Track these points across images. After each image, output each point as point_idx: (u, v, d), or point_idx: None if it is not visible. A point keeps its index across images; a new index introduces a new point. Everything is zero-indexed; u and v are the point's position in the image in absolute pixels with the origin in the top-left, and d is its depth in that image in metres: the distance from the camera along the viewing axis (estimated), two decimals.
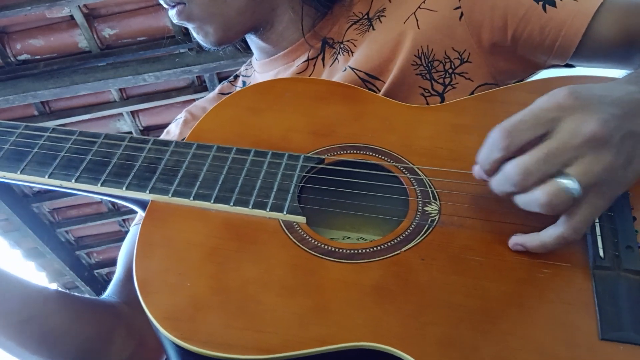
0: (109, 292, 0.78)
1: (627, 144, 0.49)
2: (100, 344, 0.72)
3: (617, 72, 0.69)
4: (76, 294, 0.75)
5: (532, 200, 0.49)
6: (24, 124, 0.67)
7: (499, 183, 0.51)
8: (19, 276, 0.67)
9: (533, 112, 0.50)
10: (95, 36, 2.21)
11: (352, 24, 0.80)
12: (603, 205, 0.50)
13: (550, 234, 0.52)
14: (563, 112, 0.49)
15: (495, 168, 0.51)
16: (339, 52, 0.80)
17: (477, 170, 0.54)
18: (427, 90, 0.73)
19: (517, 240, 0.54)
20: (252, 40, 0.86)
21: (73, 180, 0.62)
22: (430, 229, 0.57)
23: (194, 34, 0.82)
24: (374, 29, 0.78)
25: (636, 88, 0.53)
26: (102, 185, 0.62)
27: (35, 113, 2.45)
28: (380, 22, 0.78)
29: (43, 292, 0.69)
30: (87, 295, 0.77)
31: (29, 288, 0.68)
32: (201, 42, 0.81)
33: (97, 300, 0.77)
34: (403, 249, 0.56)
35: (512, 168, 0.49)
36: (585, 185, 0.48)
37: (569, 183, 0.47)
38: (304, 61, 0.82)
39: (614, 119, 0.48)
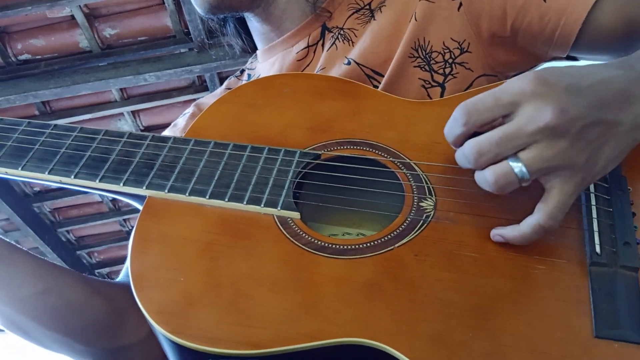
0: (122, 277, 0.78)
1: (590, 133, 0.49)
2: (117, 320, 0.71)
3: None
4: None
5: (483, 179, 0.51)
6: (27, 120, 0.69)
7: (458, 158, 0.53)
8: (31, 252, 0.67)
9: (495, 94, 0.51)
10: (96, 36, 2.21)
11: (353, 12, 0.80)
12: (572, 190, 0.50)
13: (528, 224, 0.52)
14: (523, 97, 0.49)
15: (458, 142, 0.53)
16: (337, 38, 0.79)
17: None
18: (427, 82, 0.73)
19: (497, 231, 0.54)
20: (254, 24, 0.86)
21: (72, 177, 0.63)
22: (425, 224, 0.57)
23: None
24: (375, 20, 0.77)
25: (621, 72, 0.52)
26: (100, 181, 0.62)
27: (36, 113, 2.47)
28: (381, 12, 0.77)
29: (58, 267, 0.69)
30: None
31: (43, 262, 0.68)
32: (199, 7, 0.79)
33: (112, 281, 0.77)
34: (396, 245, 0.55)
35: (468, 146, 0.51)
36: (534, 170, 0.49)
37: (515, 166, 0.49)
38: (304, 48, 0.82)
39: (576, 108, 0.48)
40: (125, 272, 0.79)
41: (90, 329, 0.69)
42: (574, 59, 0.73)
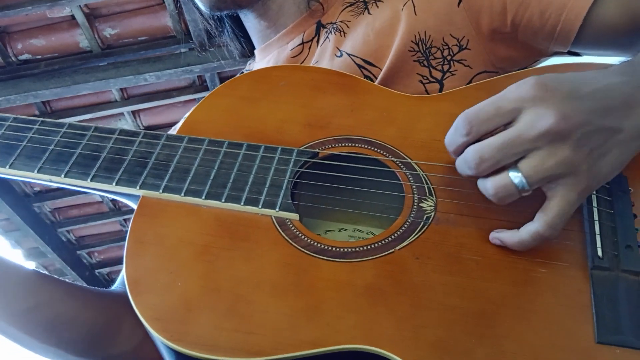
0: (118, 283, 0.78)
1: (593, 139, 0.48)
2: (109, 331, 0.71)
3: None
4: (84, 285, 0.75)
5: (484, 189, 0.51)
6: (13, 115, 0.66)
7: (459, 165, 0.53)
8: (23, 266, 0.66)
9: (495, 103, 0.50)
10: (96, 36, 2.21)
11: (346, 7, 0.80)
12: (575, 199, 0.49)
13: (527, 231, 0.51)
14: (525, 103, 0.49)
15: (459, 151, 0.53)
16: (330, 32, 0.79)
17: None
18: (425, 77, 0.72)
19: (496, 235, 0.54)
20: (251, 22, 0.86)
21: (62, 175, 0.61)
22: (426, 226, 0.56)
23: None
24: (369, 13, 0.77)
25: (626, 79, 0.51)
26: (91, 180, 0.60)
27: (37, 113, 2.46)
28: (377, 7, 0.76)
29: (48, 279, 0.68)
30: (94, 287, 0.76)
31: (34, 275, 0.67)
32: (203, 5, 0.79)
33: (105, 290, 0.76)
34: (397, 248, 0.54)
35: (469, 152, 0.51)
36: (535, 180, 0.48)
37: (515, 177, 0.49)
38: (299, 44, 0.81)
39: (578, 113, 0.48)
40: (121, 279, 0.79)
41: (82, 340, 0.69)
42: (577, 54, 0.72)
